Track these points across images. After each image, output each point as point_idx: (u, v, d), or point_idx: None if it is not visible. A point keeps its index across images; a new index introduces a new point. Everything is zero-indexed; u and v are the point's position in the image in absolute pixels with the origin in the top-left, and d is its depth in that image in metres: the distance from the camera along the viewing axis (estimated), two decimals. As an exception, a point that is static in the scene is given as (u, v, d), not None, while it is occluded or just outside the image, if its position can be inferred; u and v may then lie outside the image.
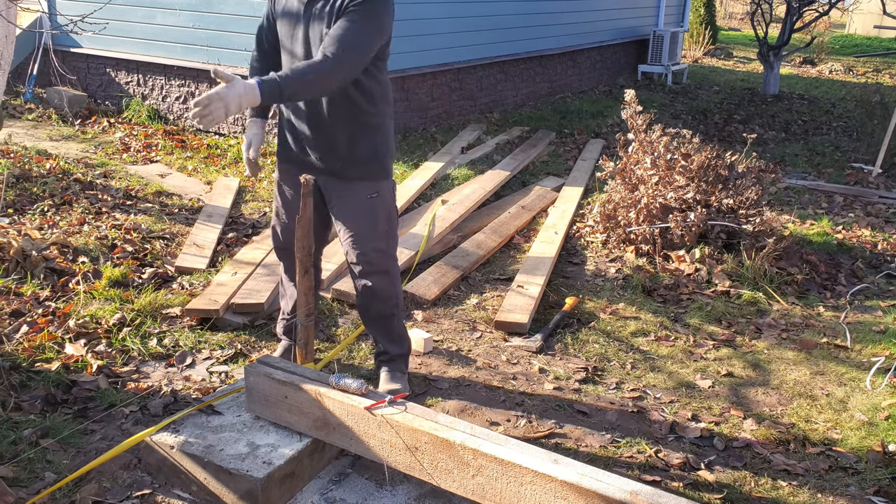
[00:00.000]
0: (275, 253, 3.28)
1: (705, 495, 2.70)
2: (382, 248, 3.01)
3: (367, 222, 2.96)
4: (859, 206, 6.24)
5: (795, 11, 11.39)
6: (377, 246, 2.99)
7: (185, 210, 5.37)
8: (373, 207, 2.95)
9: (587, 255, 4.97)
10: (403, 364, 3.24)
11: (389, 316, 3.13)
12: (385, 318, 3.14)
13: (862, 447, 3.02)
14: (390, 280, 3.06)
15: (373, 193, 2.94)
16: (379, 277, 3.02)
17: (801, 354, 3.79)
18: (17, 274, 3.99)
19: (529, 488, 2.19)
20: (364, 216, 2.95)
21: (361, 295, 3.09)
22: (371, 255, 2.98)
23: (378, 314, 3.13)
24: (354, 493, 2.62)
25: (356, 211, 2.94)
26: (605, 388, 3.42)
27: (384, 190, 2.98)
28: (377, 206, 2.96)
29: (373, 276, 3.01)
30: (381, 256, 3.01)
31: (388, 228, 3.03)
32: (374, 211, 2.95)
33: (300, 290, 2.87)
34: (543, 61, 9.80)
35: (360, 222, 2.95)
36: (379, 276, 3.02)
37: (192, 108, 2.38)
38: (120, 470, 2.67)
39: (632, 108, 4.99)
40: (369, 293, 3.05)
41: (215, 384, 3.26)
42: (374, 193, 2.94)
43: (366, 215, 2.95)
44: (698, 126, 8.87)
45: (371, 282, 3.01)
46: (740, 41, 18.89)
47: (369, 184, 2.93)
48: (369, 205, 2.94)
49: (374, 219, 2.96)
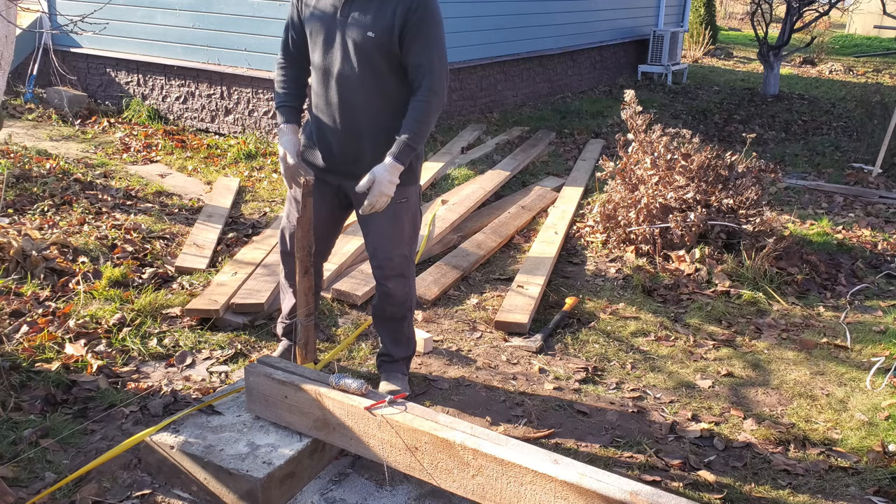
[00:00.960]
0: (280, 256, 3.25)
1: (705, 495, 2.70)
2: (406, 252, 3.01)
3: (395, 227, 2.94)
4: (859, 206, 6.24)
5: (795, 11, 11.38)
6: (402, 251, 2.99)
7: (185, 210, 5.37)
8: (401, 212, 2.93)
9: (587, 255, 4.97)
10: (405, 366, 3.24)
11: (401, 318, 3.13)
12: (396, 321, 3.13)
13: (862, 447, 3.02)
14: (408, 284, 3.07)
15: (402, 199, 2.90)
16: (397, 281, 3.01)
17: (801, 354, 3.79)
18: (17, 274, 4.00)
19: (529, 488, 2.19)
20: (392, 221, 2.92)
21: (378, 297, 3.08)
22: (396, 259, 2.97)
23: (391, 316, 3.12)
24: (354, 493, 2.62)
25: (384, 215, 2.90)
26: (605, 388, 3.42)
27: (412, 195, 2.96)
28: (405, 211, 2.94)
29: (393, 279, 3.00)
30: (403, 261, 3.01)
31: (413, 233, 3.03)
32: (401, 216, 2.94)
33: (300, 289, 2.86)
34: (543, 61, 9.80)
35: (388, 227, 2.93)
36: (398, 279, 3.01)
37: (369, 209, 2.74)
38: (120, 470, 2.67)
39: (631, 108, 4.99)
40: (386, 296, 3.05)
41: (215, 384, 3.26)
42: (402, 199, 2.90)
43: (394, 220, 2.92)
44: (698, 126, 8.87)
45: (390, 285, 3.01)
46: (740, 41, 18.89)
47: (399, 189, 2.88)
48: (397, 210, 2.90)
49: (401, 223, 2.95)
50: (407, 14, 2.62)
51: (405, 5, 2.62)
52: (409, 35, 2.65)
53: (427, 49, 2.68)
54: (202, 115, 7.66)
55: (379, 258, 2.98)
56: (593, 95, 10.59)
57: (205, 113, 7.64)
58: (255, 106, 7.28)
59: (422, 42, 2.66)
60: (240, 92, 7.32)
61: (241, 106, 7.36)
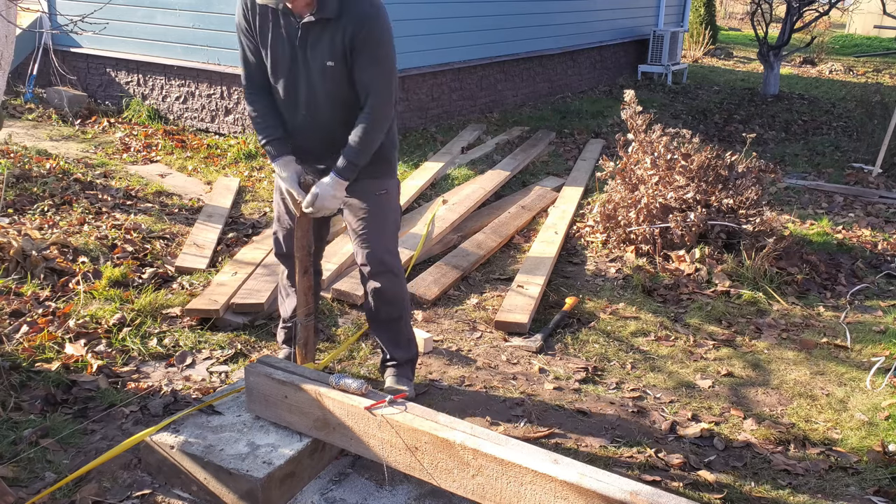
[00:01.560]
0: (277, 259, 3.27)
1: (705, 495, 2.70)
2: (391, 247, 3.04)
3: (377, 219, 2.98)
4: (859, 206, 6.24)
5: (795, 11, 11.39)
6: (387, 246, 3.01)
7: (185, 210, 5.37)
8: (381, 204, 2.98)
9: (587, 255, 4.97)
10: (410, 370, 3.20)
11: (397, 318, 3.12)
12: (393, 322, 3.12)
13: (862, 447, 3.02)
14: (398, 280, 3.07)
15: (381, 190, 2.98)
16: (387, 278, 3.02)
17: (801, 354, 3.79)
18: (17, 274, 3.99)
19: (529, 488, 2.19)
20: (373, 213, 2.97)
21: (371, 298, 3.07)
22: (382, 254, 2.99)
23: (387, 317, 3.11)
24: (354, 493, 2.61)
25: (366, 208, 2.96)
26: (605, 388, 3.42)
27: (392, 188, 3.03)
28: (385, 203, 3.00)
29: (381, 276, 3.01)
30: (390, 256, 3.02)
31: (395, 228, 3.07)
32: (382, 208, 2.99)
33: (300, 289, 2.86)
34: (543, 61, 9.80)
35: (370, 219, 2.97)
36: (387, 276, 3.02)
37: (307, 208, 2.81)
38: (120, 470, 2.67)
39: (631, 108, 4.99)
40: (378, 295, 3.04)
41: (215, 384, 3.26)
42: (382, 190, 2.98)
43: (375, 212, 2.97)
44: (698, 126, 8.87)
45: (380, 283, 3.01)
46: (740, 41, 18.89)
47: (377, 181, 2.96)
48: (378, 201, 2.97)
49: (383, 216, 2.99)
50: (354, 35, 2.65)
51: (353, 28, 2.64)
52: (355, 53, 2.69)
53: (370, 67, 2.70)
54: (202, 115, 7.66)
55: (364, 255, 2.99)
56: (593, 95, 10.59)
57: (205, 113, 7.64)
58: (255, 106, 7.27)
59: (366, 60, 2.69)
60: (240, 92, 7.32)
61: (240, 106, 7.36)
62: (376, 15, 2.66)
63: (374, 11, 2.65)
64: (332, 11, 2.63)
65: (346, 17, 2.63)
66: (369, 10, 2.65)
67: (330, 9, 2.63)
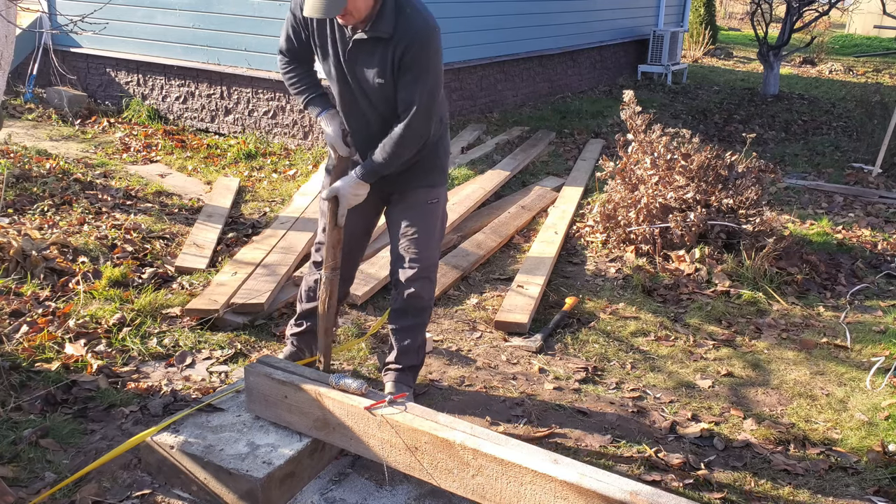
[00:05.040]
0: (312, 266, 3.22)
1: (705, 495, 2.70)
2: (435, 255, 3.03)
3: (426, 227, 2.96)
4: (859, 206, 6.24)
5: (795, 11, 11.38)
6: (431, 253, 3.00)
7: (185, 210, 5.37)
8: (432, 213, 2.98)
9: (587, 255, 4.97)
10: (412, 377, 3.17)
11: (421, 325, 3.11)
12: (417, 327, 3.10)
13: (862, 447, 3.02)
14: (433, 288, 3.08)
15: (433, 199, 2.97)
16: (424, 284, 3.00)
17: (801, 354, 3.79)
18: (17, 274, 3.99)
19: (529, 488, 2.19)
20: (423, 221, 2.96)
21: (404, 301, 3.03)
22: (425, 261, 2.98)
23: (413, 322, 3.08)
24: (354, 493, 2.62)
25: (417, 216, 2.94)
26: (605, 388, 3.42)
27: (442, 196, 3.03)
28: (435, 212, 2.99)
29: (420, 282, 2.99)
30: (432, 264, 3.02)
31: (441, 236, 3.07)
32: (432, 216, 2.98)
33: (329, 243, 2.83)
34: (543, 61, 9.80)
35: (419, 227, 2.95)
36: (424, 282, 3.00)
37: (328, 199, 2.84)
38: (120, 470, 2.67)
39: (631, 108, 4.99)
40: (412, 300, 3.01)
41: (215, 384, 3.26)
42: (434, 199, 2.97)
43: (425, 220, 2.96)
44: (698, 126, 8.87)
45: (415, 288, 2.99)
46: (740, 41, 18.89)
47: (431, 190, 2.95)
48: (429, 210, 2.96)
49: (432, 224, 2.98)
50: (404, 53, 2.64)
51: (404, 45, 2.63)
52: (403, 70, 2.67)
53: (413, 85, 2.68)
54: (202, 114, 7.67)
55: (407, 258, 2.97)
56: (593, 95, 10.59)
57: (205, 113, 7.64)
58: (255, 106, 7.28)
59: (411, 78, 2.67)
60: (240, 92, 7.32)
61: (240, 106, 7.36)
62: (429, 37, 2.64)
63: (427, 32, 2.64)
64: (386, 31, 2.62)
65: (399, 35, 2.62)
66: (423, 30, 2.63)
67: (385, 28, 2.62)
